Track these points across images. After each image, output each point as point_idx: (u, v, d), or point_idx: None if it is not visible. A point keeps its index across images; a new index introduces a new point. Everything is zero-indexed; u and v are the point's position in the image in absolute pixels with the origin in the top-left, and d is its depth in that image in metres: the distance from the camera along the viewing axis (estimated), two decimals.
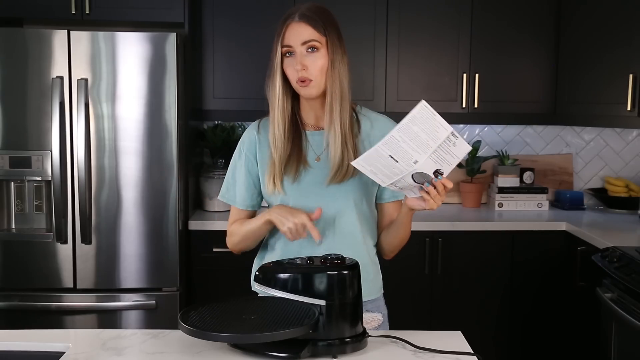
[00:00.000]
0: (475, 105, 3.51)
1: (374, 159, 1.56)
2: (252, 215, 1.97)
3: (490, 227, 3.34)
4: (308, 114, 1.86)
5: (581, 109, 3.45)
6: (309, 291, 1.59)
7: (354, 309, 1.61)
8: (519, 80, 3.55)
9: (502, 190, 3.66)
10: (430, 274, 3.31)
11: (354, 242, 1.86)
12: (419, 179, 1.58)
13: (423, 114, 1.52)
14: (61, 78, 2.96)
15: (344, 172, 1.79)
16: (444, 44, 3.50)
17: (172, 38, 2.99)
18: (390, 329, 1.92)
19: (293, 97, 1.83)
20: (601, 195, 3.75)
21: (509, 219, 3.44)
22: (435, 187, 1.62)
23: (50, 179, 2.99)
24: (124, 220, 3.04)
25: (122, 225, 3.05)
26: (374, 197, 1.90)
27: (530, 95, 3.56)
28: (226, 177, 1.96)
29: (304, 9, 1.77)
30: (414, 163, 1.54)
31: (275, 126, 1.81)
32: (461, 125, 3.82)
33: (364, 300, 1.79)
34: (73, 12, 3.18)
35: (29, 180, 3.05)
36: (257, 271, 1.69)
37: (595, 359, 2.89)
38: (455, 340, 1.70)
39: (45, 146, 2.99)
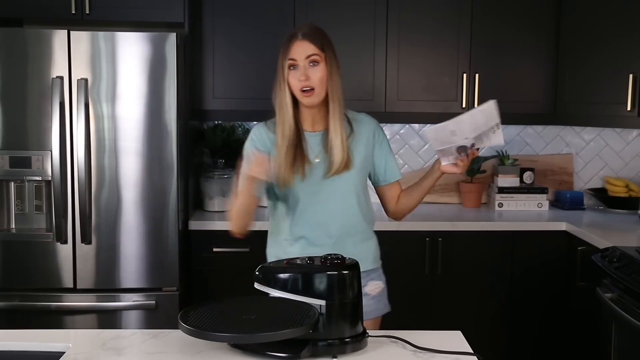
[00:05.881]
0: (476, 105, 3.50)
1: (440, 130, 1.97)
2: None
3: (490, 227, 3.34)
4: (306, 118, 2.14)
5: (581, 109, 3.44)
6: (309, 291, 1.60)
7: (354, 309, 1.61)
8: (518, 80, 3.55)
9: (502, 190, 3.66)
10: (430, 274, 3.31)
11: (357, 221, 2.17)
12: (460, 149, 2.01)
13: (490, 109, 1.93)
14: (61, 78, 2.96)
15: (343, 166, 2.10)
16: (443, 44, 3.50)
17: (172, 38, 2.99)
18: (390, 328, 1.92)
19: (294, 105, 2.10)
20: (601, 195, 3.75)
21: (509, 219, 3.44)
22: (467, 157, 2.04)
23: (50, 179, 2.99)
24: (124, 220, 3.04)
25: (122, 225, 3.05)
26: (366, 184, 2.23)
27: (530, 95, 3.56)
28: (242, 171, 2.06)
29: (305, 29, 2.08)
30: (465, 139, 1.98)
31: (286, 127, 2.07)
32: None
33: (369, 268, 2.20)
34: (73, 12, 3.18)
35: (29, 180, 3.05)
36: (257, 271, 1.69)
37: (595, 359, 2.89)
38: (455, 340, 1.71)
39: (45, 146, 2.99)
